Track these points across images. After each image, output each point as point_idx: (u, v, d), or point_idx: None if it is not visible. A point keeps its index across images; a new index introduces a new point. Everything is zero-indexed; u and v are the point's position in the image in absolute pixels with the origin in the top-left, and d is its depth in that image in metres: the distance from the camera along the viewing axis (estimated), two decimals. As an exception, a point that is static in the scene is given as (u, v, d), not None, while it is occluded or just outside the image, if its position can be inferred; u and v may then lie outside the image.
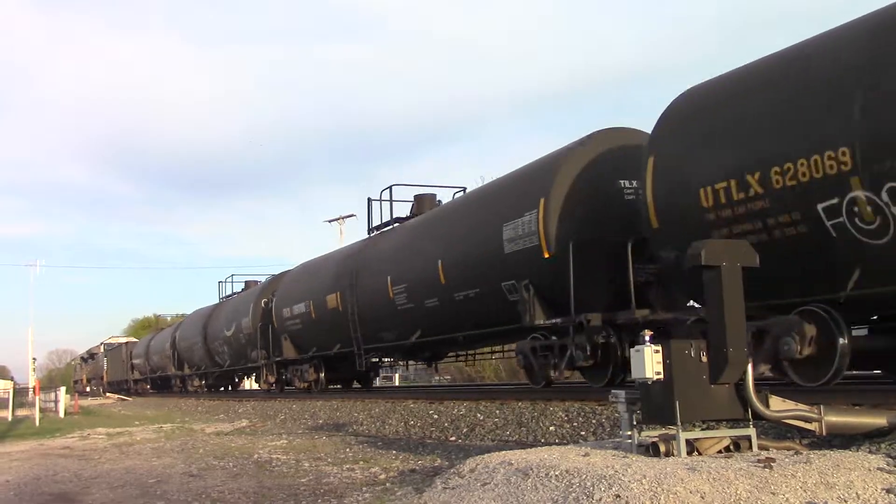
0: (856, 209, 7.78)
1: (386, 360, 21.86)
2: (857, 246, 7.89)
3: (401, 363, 22.32)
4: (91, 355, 56.05)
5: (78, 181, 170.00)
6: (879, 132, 7.55)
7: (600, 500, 5.27)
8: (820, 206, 8.10)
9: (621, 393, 6.91)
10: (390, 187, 19.18)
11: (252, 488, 8.64)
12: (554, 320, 12.38)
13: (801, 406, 6.69)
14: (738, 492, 5.18)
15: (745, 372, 6.47)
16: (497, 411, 12.43)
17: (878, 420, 6.73)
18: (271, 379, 25.60)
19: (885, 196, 7.52)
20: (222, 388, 33.15)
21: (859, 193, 7.71)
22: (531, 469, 6.15)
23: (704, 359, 6.46)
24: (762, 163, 8.58)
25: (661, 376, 6.38)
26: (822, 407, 6.66)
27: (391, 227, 18.97)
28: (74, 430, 19.64)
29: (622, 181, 12.12)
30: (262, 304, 25.51)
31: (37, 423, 23.20)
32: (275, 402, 22.30)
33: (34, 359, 66.13)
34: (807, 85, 8.44)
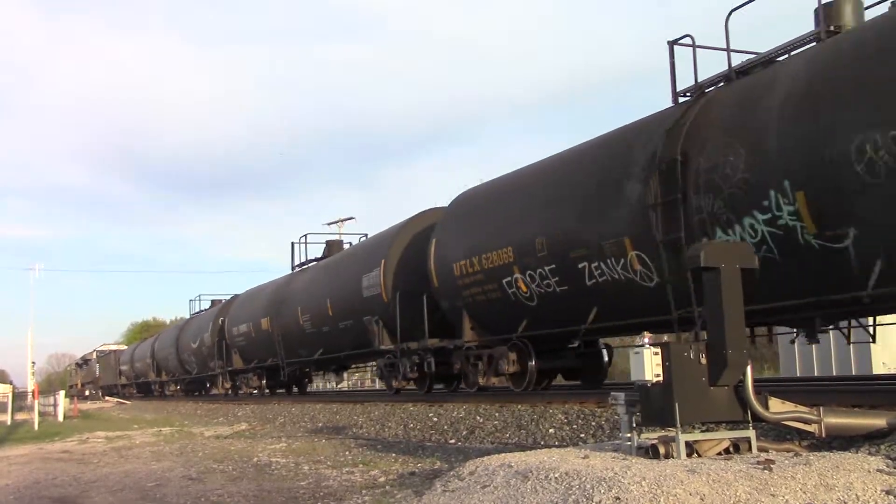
0: (517, 284, 13.10)
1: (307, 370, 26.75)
2: (523, 306, 13.23)
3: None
4: (85, 361, 60.03)
5: (78, 183, 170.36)
6: (522, 241, 12.85)
7: (600, 502, 5.26)
8: (503, 281, 13.40)
9: (621, 395, 6.92)
10: (306, 235, 25.33)
11: (251, 492, 8.64)
12: (391, 346, 17.47)
13: (800, 408, 6.69)
14: (738, 494, 5.18)
15: (744, 374, 6.47)
16: (496, 414, 12.43)
17: (878, 421, 6.73)
18: (226, 385, 29.86)
19: (527, 278, 12.79)
20: (196, 393, 36.64)
21: (518, 275, 13.02)
22: (531, 471, 6.14)
23: (704, 361, 6.46)
24: (479, 251, 13.98)
25: (661, 378, 6.38)
26: (821, 409, 6.66)
27: (305, 267, 24.37)
28: (74, 433, 19.62)
29: None
30: (219, 322, 29.66)
31: (36, 426, 23.19)
32: (274, 405, 22.31)
33: (33, 362, 65.90)
34: (500, 207, 14.14)
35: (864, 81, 7.93)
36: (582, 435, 10.09)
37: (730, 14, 10.22)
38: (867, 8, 9.62)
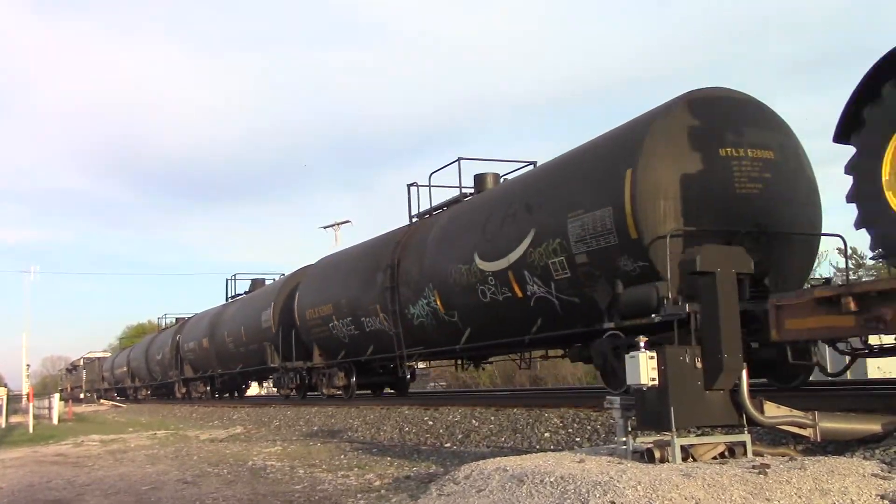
0: (336, 328, 19.93)
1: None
2: (340, 342, 20.15)
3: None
4: (74, 367, 65.89)
5: (75, 186, 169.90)
6: (336, 300, 19.80)
7: (595, 506, 5.26)
8: (329, 325, 20.28)
9: (616, 399, 6.92)
10: (234, 275, 33.17)
11: (246, 495, 8.62)
12: (276, 364, 23.96)
13: (795, 412, 6.70)
14: (733, 498, 5.18)
15: (739, 378, 6.48)
16: (492, 417, 12.42)
17: (873, 426, 6.74)
18: (182, 390, 36.16)
19: (340, 324, 19.69)
20: (164, 397, 41.69)
21: (335, 322, 19.93)
22: (526, 475, 6.14)
23: (699, 365, 6.47)
24: (317, 304, 20.91)
25: (656, 382, 6.38)
26: (816, 413, 6.67)
27: (234, 300, 32.57)
28: (68, 436, 19.58)
29: None
30: (176, 339, 35.98)
31: (30, 429, 23.14)
32: (269, 408, 22.28)
33: (28, 365, 65.91)
34: (328, 275, 21.27)
35: (453, 235, 15.26)
36: (577, 439, 10.09)
37: (431, 174, 17.74)
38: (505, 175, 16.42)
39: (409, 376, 22.71)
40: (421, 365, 22.95)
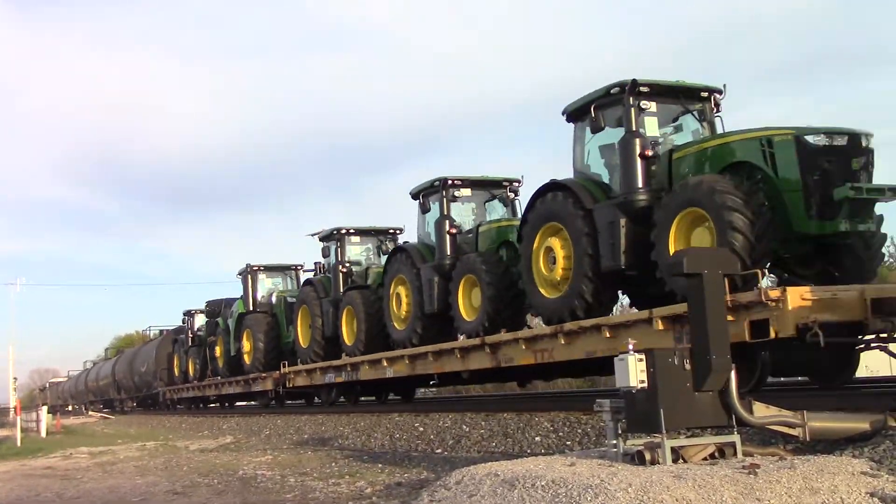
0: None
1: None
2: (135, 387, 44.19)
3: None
4: (44, 388, 76.41)
5: (61, 197, 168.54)
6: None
7: (587, 509, 5.27)
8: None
9: (606, 402, 6.93)
10: (149, 326, 48.00)
11: (237, 505, 8.58)
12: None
13: (784, 412, 6.73)
14: (724, 498, 5.20)
15: (728, 379, 6.50)
16: (482, 423, 12.42)
17: (861, 425, 6.78)
18: (131, 404, 45.63)
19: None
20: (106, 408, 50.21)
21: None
22: (517, 480, 6.14)
23: (688, 366, 6.49)
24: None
25: (646, 384, 6.40)
26: (805, 413, 6.70)
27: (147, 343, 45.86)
28: (57, 449, 19.42)
29: None
30: (114, 368, 46.29)
31: (18, 443, 22.95)
32: (259, 417, 22.19)
33: (15, 378, 65.74)
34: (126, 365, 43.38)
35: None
36: (568, 442, 10.10)
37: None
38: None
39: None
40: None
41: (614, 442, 6.75)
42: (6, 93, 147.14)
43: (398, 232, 20.68)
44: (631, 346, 6.52)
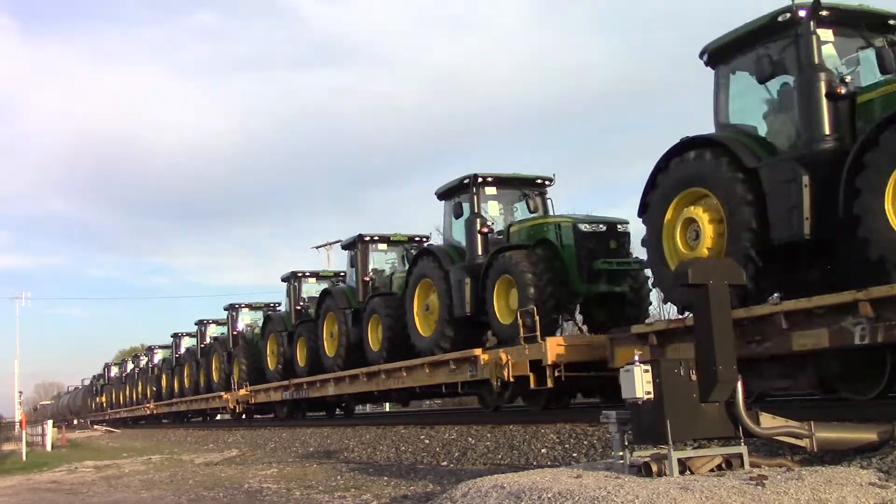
0: None
1: None
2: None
3: None
4: (36, 408, 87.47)
5: (66, 212, 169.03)
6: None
7: (594, 522, 5.25)
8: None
9: (612, 413, 6.90)
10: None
11: (243, 518, 8.55)
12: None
13: (791, 423, 6.70)
14: (732, 510, 5.17)
15: (734, 389, 6.48)
16: (488, 435, 12.38)
17: (869, 435, 6.74)
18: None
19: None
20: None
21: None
22: (524, 492, 6.12)
23: (694, 377, 6.47)
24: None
25: (652, 396, 6.38)
26: (812, 423, 6.67)
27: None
28: (62, 463, 19.40)
29: None
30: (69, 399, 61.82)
31: (24, 457, 22.93)
32: (264, 430, 22.15)
33: (20, 392, 65.96)
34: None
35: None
36: (574, 454, 10.06)
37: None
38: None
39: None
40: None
41: (621, 453, 6.72)
42: (9, 108, 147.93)
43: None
44: (637, 357, 6.50)
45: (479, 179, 15.27)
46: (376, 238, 19.96)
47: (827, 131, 8.75)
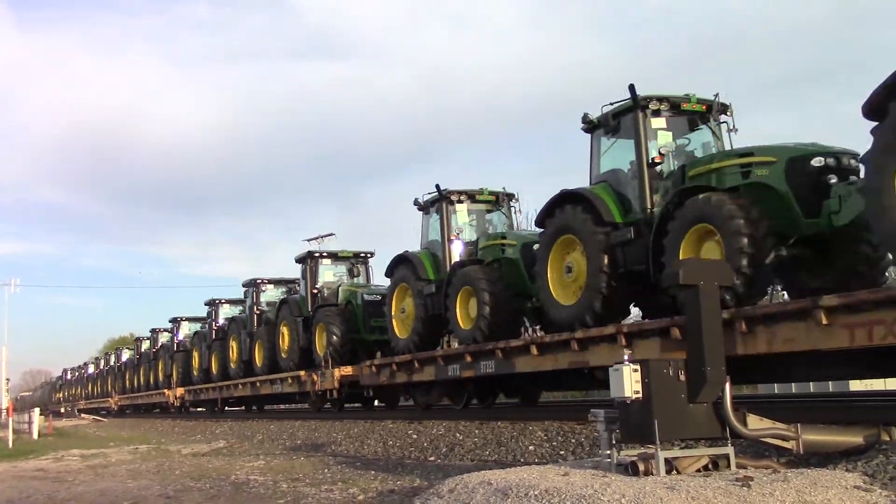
0: None
1: None
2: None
3: None
4: (17, 398, 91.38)
5: (58, 201, 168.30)
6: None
7: (580, 519, 5.26)
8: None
9: (600, 412, 6.92)
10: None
11: (229, 510, 8.55)
12: None
13: (778, 425, 6.72)
14: (717, 511, 5.19)
15: (723, 390, 6.50)
16: (476, 431, 12.39)
17: (855, 438, 6.77)
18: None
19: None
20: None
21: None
22: (511, 489, 6.13)
23: (683, 377, 6.48)
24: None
25: (640, 395, 6.39)
26: (799, 425, 6.70)
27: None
28: (48, 451, 19.32)
29: None
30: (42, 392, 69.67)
31: (10, 444, 22.84)
32: (252, 422, 22.13)
33: (8, 379, 65.69)
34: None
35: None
36: (562, 452, 10.08)
37: None
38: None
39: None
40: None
41: (608, 452, 6.74)
42: (2, 96, 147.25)
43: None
44: (626, 357, 6.51)
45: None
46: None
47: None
